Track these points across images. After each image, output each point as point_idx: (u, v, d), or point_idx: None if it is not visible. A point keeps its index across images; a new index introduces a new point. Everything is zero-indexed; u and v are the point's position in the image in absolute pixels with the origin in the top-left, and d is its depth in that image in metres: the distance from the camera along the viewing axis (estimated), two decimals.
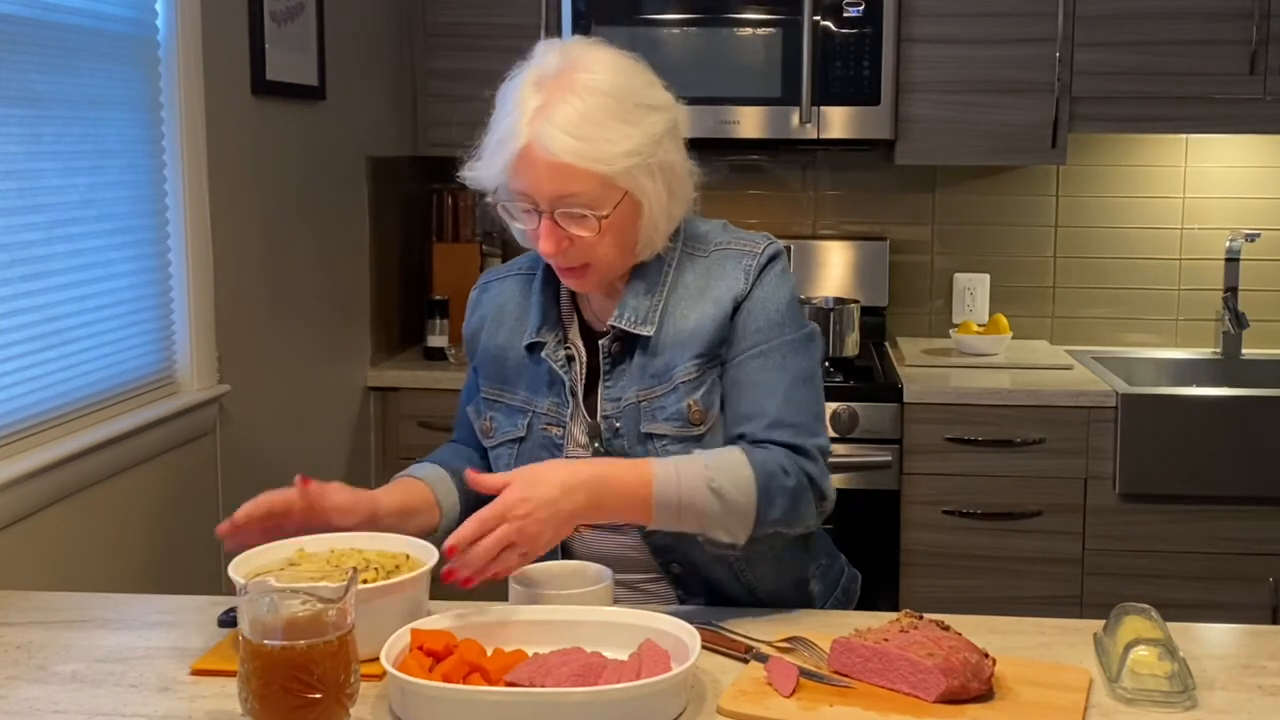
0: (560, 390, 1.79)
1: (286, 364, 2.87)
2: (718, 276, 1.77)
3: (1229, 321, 3.56)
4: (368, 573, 1.52)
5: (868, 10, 3.26)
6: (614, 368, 1.78)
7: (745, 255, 1.77)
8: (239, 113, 2.61)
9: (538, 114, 1.63)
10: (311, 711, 1.28)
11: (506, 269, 1.93)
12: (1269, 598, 3.12)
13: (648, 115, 1.67)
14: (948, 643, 1.43)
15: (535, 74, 1.67)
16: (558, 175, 1.63)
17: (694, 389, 1.74)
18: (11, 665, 1.51)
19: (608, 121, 1.63)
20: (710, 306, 1.75)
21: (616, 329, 1.76)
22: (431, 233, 3.66)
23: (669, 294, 1.77)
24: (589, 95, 1.63)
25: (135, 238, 2.33)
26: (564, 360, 1.80)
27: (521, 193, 1.67)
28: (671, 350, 1.75)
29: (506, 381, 1.85)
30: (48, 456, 2.02)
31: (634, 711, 1.33)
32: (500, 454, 1.84)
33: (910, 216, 3.76)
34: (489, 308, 1.90)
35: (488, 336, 1.88)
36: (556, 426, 1.79)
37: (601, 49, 1.70)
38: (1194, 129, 3.43)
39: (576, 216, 1.66)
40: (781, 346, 1.74)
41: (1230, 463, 3.08)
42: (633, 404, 1.76)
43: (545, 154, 1.63)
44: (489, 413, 1.86)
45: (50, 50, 2.08)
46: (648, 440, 1.75)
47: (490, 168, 1.70)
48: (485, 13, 3.42)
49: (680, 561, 1.77)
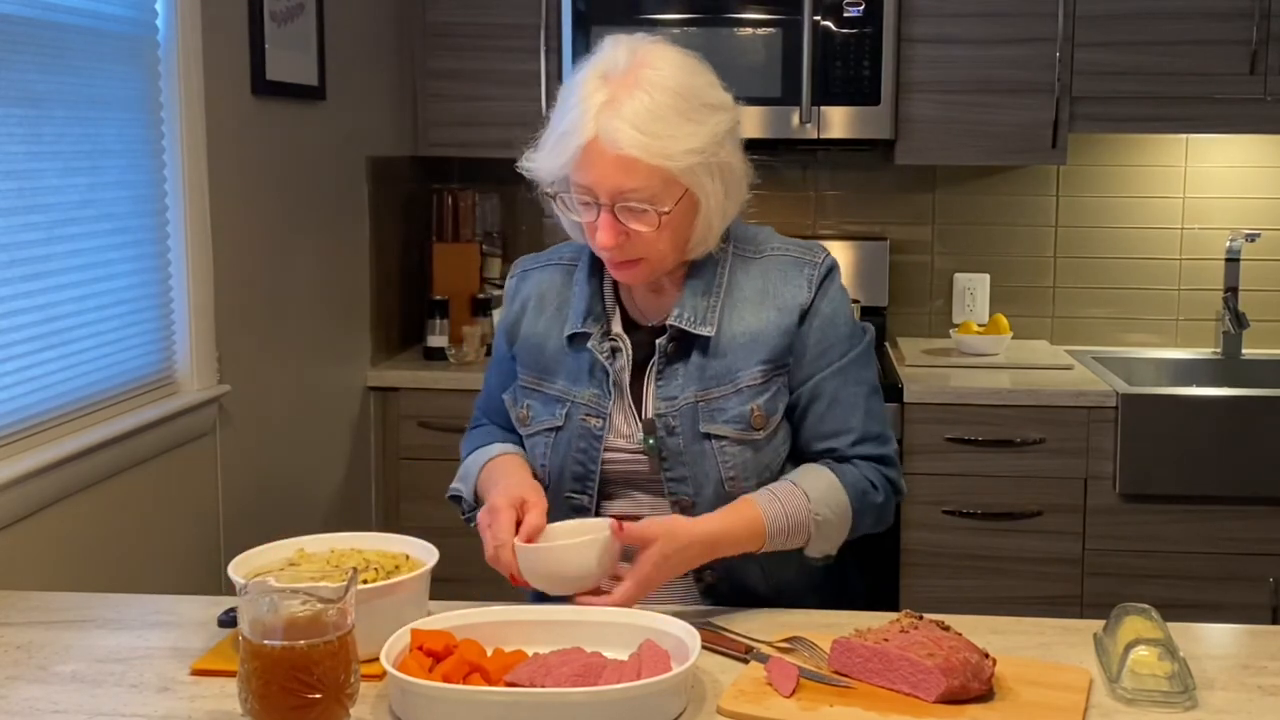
0: (602, 382, 1.80)
1: (286, 364, 2.87)
2: (778, 281, 1.79)
3: (1229, 321, 3.56)
4: (368, 573, 1.52)
5: (868, 10, 3.26)
6: (667, 366, 1.78)
7: (806, 264, 1.80)
8: (239, 113, 2.61)
9: (605, 108, 1.64)
10: (311, 711, 1.28)
11: (545, 257, 1.93)
12: (1269, 598, 3.12)
13: (711, 114, 1.69)
14: (948, 643, 1.43)
15: (602, 69, 1.68)
16: (622, 170, 1.64)
17: (758, 394, 1.77)
18: (11, 665, 1.51)
19: (674, 118, 1.65)
20: (773, 313, 1.78)
21: (675, 328, 1.76)
22: (431, 233, 3.66)
23: (725, 295, 1.78)
24: (656, 92, 1.64)
25: (135, 238, 2.33)
26: (609, 352, 1.80)
27: (583, 186, 1.68)
28: (733, 353, 1.77)
29: (545, 370, 1.84)
30: (48, 456, 2.02)
31: (634, 711, 1.33)
32: (537, 442, 1.84)
33: (910, 216, 3.76)
34: (529, 295, 1.89)
35: (528, 325, 1.87)
36: (596, 418, 1.79)
37: (667, 47, 1.72)
38: (1194, 129, 3.43)
39: (637, 211, 1.66)
40: (855, 360, 1.80)
41: (1230, 463, 3.08)
42: (690, 404, 1.76)
43: (612, 148, 1.63)
44: (526, 401, 1.86)
45: (50, 50, 2.08)
46: (705, 440, 1.76)
47: (552, 160, 1.70)
48: (485, 13, 3.42)
49: (713, 567, 1.77)
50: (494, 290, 3.70)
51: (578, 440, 1.80)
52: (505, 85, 3.43)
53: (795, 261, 1.81)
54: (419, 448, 3.32)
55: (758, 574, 1.80)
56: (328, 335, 3.10)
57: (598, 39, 3.30)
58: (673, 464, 1.77)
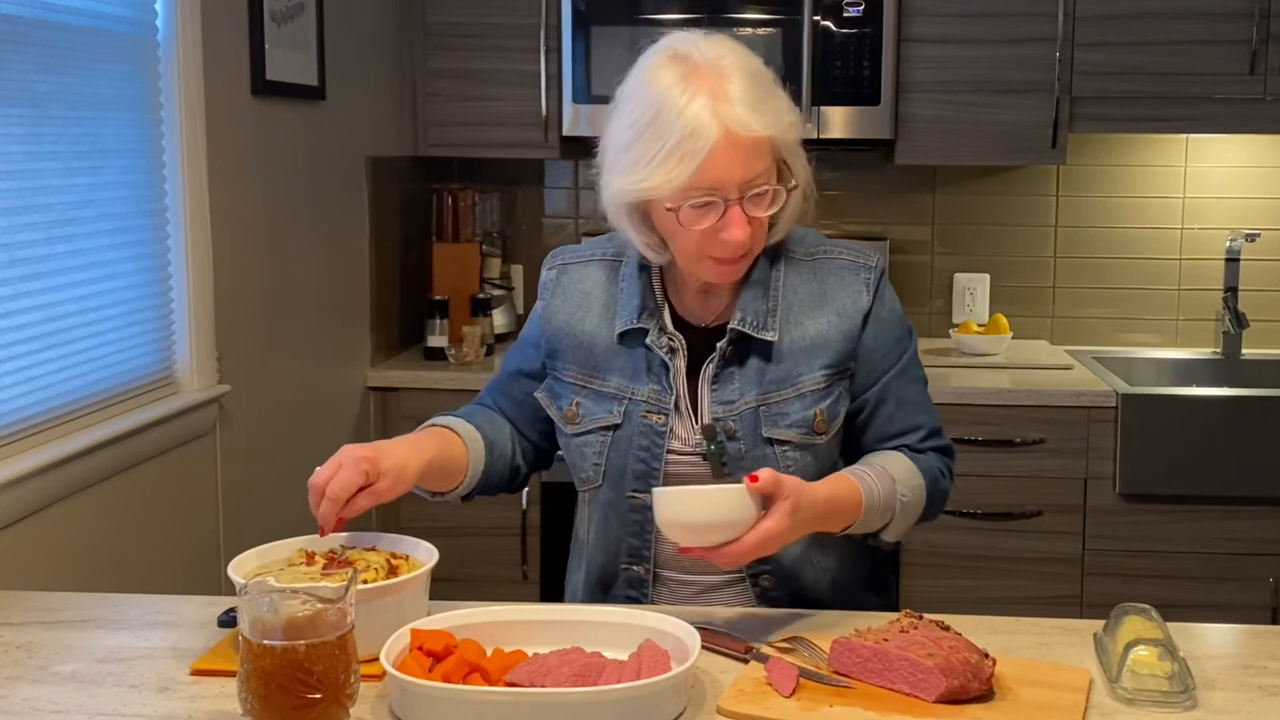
0: (661, 378, 1.78)
1: (286, 364, 2.87)
2: (834, 286, 1.79)
3: (1229, 321, 3.56)
4: (368, 573, 1.52)
5: (868, 10, 3.26)
6: (724, 369, 1.77)
7: (861, 268, 1.81)
8: (239, 113, 2.61)
9: (717, 102, 1.62)
10: (311, 711, 1.28)
11: (586, 253, 1.89)
12: (1269, 598, 3.12)
13: (781, 90, 1.70)
14: (948, 643, 1.43)
15: (679, 71, 1.64)
16: (752, 155, 1.63)
17: (821, 399, 1.77)
18: (12, 665, 1.51)
19: (767, 94, 1.67)
20: (834, 317, 1.78)
21: (736, 331, 1.75)
22: (431, 233, 3.66)
23: (782, 298, 1.78)
24: (743, 75, 1.65)
25: (135, 238, 2.33)
26: (667, 349, 1.78)
27: (708, 187, 1.63)
28: (794, 357, 1.76)
29: (596, 368, 1.82)
30: (48, 456, 2.02)
31: (634, 711, 1.33)
32: (589, 440, 1.81)
33: (910, 216, 3.76)
34: (572, 292, 1.86)
35: (570, 321, 1.84)
36: (658, 414, 1.78)
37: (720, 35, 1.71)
38: (1194, 129, 3.43)
39: (760, 197, 1.66)
40: (910, 359, 1.83)
41: (1230, 463, 3.08)
42: (751, 408, 1.76)
43: (745, 133, 1.62)
44: (575, 398, 1.82)
45: (50, 50, 2.08)
46: (768, 445, 1.75)
47: (678, 172, 1.62)
48: (485, 13, 3.42)
49: (772, 572, 1.78)
50: (494, 290, 3.70)
51: (639, 438, 1.78)
52: (505, 85, 3.43)
53: (850, 265, 1.81)
54: None
55: (812, 575, 1.80)
56: (328, 335, 3.10)
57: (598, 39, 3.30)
58: (733, 469, 1.75)
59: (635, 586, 1.81)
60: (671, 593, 1.82)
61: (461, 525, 3.25)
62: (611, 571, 1.83)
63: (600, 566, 1.84)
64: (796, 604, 1.78)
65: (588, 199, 3.86)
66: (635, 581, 1.81)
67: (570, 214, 3.86)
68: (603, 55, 3.34)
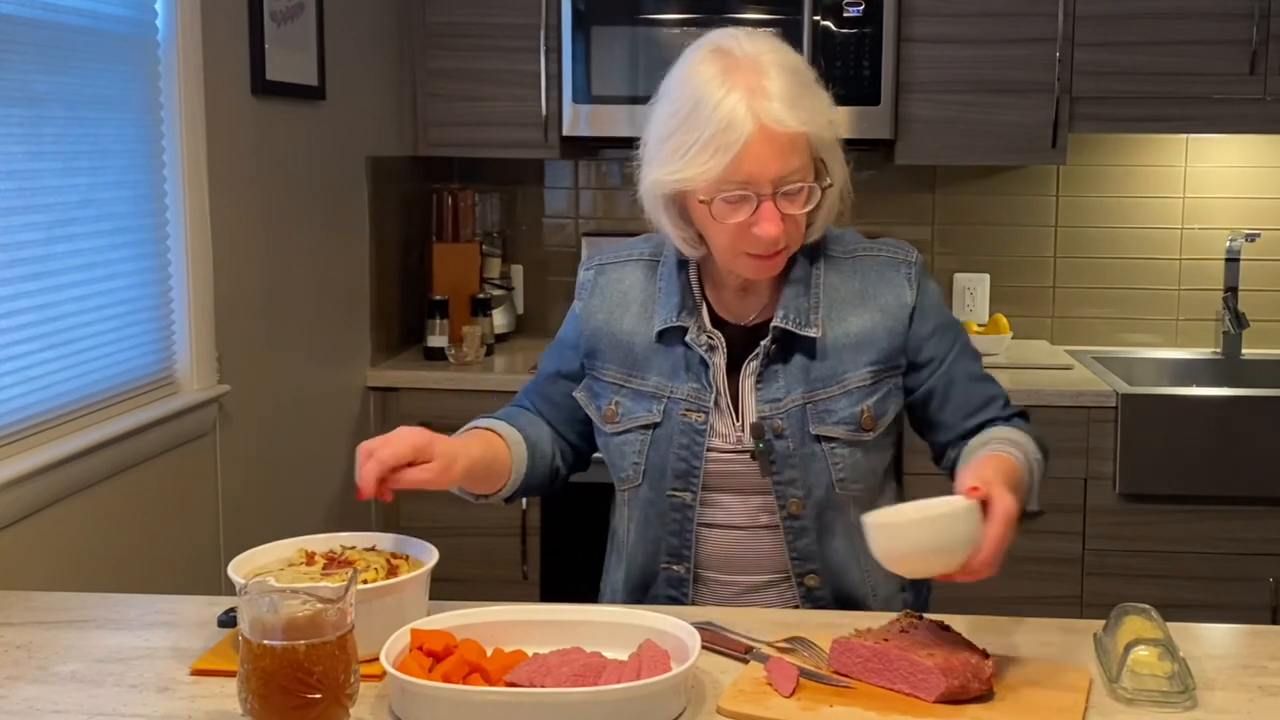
0: (700, 376, 1.78)
1: (286, 364, 2.87)
2: (875, 282, 1.80)
3: (1229, 321, 3.56)
4: (368, 573, 1.52)
5: (868, 10, 3.26)
6: (768, 367, 1.77)
7: (901, 264, 1.81)
8: (239, 113, 2.61)
9: (753, 97, 1.62)
10: (311, 711, 1.28)
11: (624, 253, 1.89)
12: (1269, 598, 3.12)
13: (822, 89, 1.71)
14: (948, 643, 1.43)
15: (718, 68, 1.66)
16: (787, 150, 1.63)
17: (868, 395, 1.77)
18: (12, 665, 1.51)
19: (806, 92, 1.67)
20: (878, 314, 1.78)
21: (779, 329, 1.75)
22: (431, 233, 3.66)
23: (823, 295, 1.78)
24: (783, 71, 1.66)
25: (135, 238, 2.33)
26: (707, 346, 1.78)
27: (742, 181, 1.64)
28: (838, 353, 1.77)
29: (635, 367, 1.82)
30: (48, 456, 2.02)
31: (634, 711, 1.33)
32: (629, 439, 1.81)
33: (910, 216, 3.76)
34: (611, 292, 1.86)
35: (609, 321, 1.84)
36: (698, 412, 1.77)
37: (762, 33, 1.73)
38: (1194, 129, 3.44)
39: (793, 194, 1.65)
40: (964, 339, 1.85)
41: (1230, 463, 3.08)
42: (798, 406, 1.76)
43: (780, 129, 1.62)
44: (614, 397, 1.83)
45: (50, 50, 2.08)
46: (816, 442, 1.76)
47: (713, 164, 1.63)
48: (485, 13, 3.42)
49: (817, 571, 1.78)
50: (494, 290, 3.70)
51: (679, 436, 1.78)
52: (505, 85, 3.43)
53: (890, 261, 1.82)
54: None
55: (858, 575, 1.80)
56: (328, 335, 3.10)
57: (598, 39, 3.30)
58: (782, 467, 1.76)
59: (675, 586, 1.81)
60: (712, 593, 1.82)
61: (461, 525, 3.25)
62: (651, 571, 1.83)
63: (640, 566, 1.84)
64: (840, 603, 1.79)
65: (587, 199, 3.86)
66: (675, 581, 1.81)
67: (570, 214, 3.86)
68: (603, 55, 3.34)
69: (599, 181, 3.84)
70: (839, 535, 1.79)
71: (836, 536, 1.79)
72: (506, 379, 3.30)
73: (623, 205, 3.81)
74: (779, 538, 1.78)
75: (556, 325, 4.16)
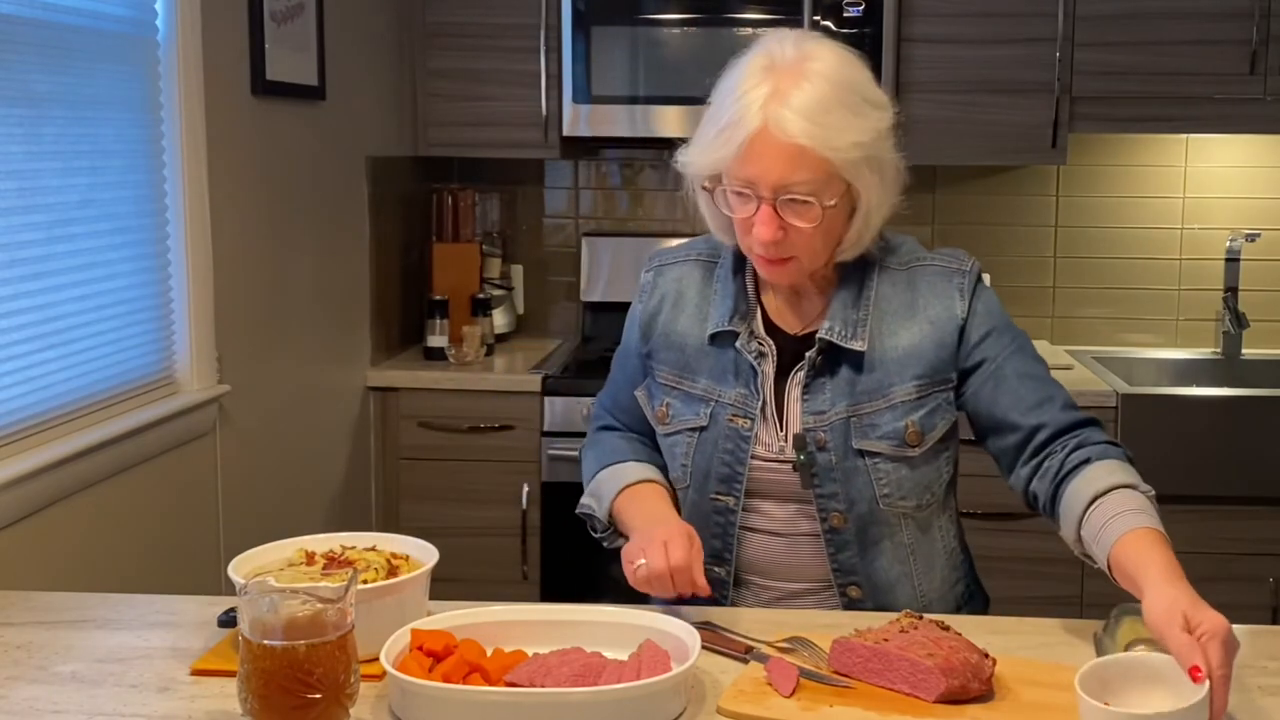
0: (749, 382, 1.76)
1: (286, 364, 2.87)
2: (927, 294, 1.76)
3: (1229, 321, 3.56)
4: (368, 573, 1.52)
5: (868, 10, 3.26)
6: (814, 379, 1.75)
7: (954, 274, 1.78)
8: (239, 113, 2.61)
9: (772, 98, 1.61)
10: (311, 711, 1.28)
11: (683, 253, 1.88)
12: (1269, 598, 3.12)
13: (872, 110, 1.68)
14: (948, 643, 1.43)
15: (764, 61, 1.65)
16: (790, 161, 1.61)
17: (914, 410, 1.74)
18: (11, 665, 1.51)
19: (839, 110, 1.63)
20: (927, 326, 1.75)
21: (824, 340, 1.73)
22: (431, 233, 3.66)
23: (874, 308, 1.75)
24: (822, 83, 1.62)
25: (135, 238, 2.33)
26: (756, 353, 1.76)
27: (745, 179, 1.64)
28: (885, 367, 1.74)
29: (686, 369, 1.80)
30: (48, 456, 2.02)
31: (634, 711, 1.33)
32: (678, 441, 1.80)
33: (910, 217, 3.73)
34: (668, 291, 1.85)
35: (667, 321, 1.83)
36: (744, 418, 1.76)
37: (827, 41, 1.70)
38: (1194, 129, 3.44)
39: (798, 205, 1.63)
40: (1027, 343, 1.78)
41: (1230, 463, 3.08)
42: (842, 419, 1.73)
43: (782, 136, 1.60)
44: (665, 399, 1.82)
45: (50, 50, 2.08)
46: (859, 457, 1.73)
47: (715, 153, 1.66)
48: (485, 13, 3.42)
49: (859, 583, 1.76)
50: (494, 290, 3.70)
51: (724, 441, 1.76)
52: (505, 85, 3.43)
53: (943, 271, 1.78)
54: (419, 448, 3.32)
55: (909, 593, 1.78)
56: (328, 335, 3.10)
57: (598, 39, 3.30)
58: (824, 480, 1.74)
59: (716, 588, 1.80)
60: (754, 596, 1.81)
61: (461, 525, 3.26)
62: None
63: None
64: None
65: (587, 199, 3.86)
66: (717, 583, 1.80)
67: (570, 214, 3.86)
68: (603, 55, 3.34)
69: (599, 181, 3.84)
70: (886, 551, 1.76)
71: (884, 552, 1.76)
72: (506, 379, 3.29)
73: (623, 205, 3.81)
74: (820, 547, 1.76)
75: (557, 325, 4.17)
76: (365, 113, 3.27)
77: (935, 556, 1.81)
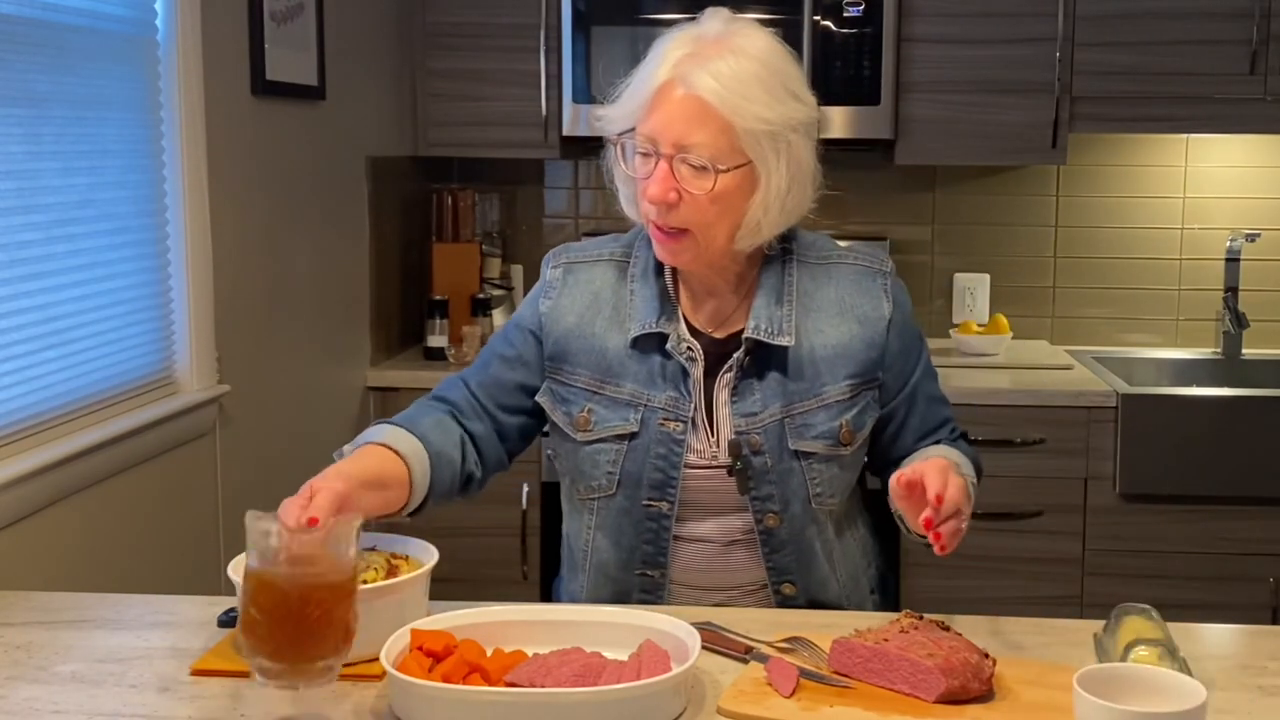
0: (679, 385, 1.74)
1: (286, 364, 2.87)
2: (852, 292, 1.77)
3: (1229, 321, 3.56)
4: (368, 573, 1.52)
5: (868, 10, 3.26)
6: (743, 380, 1.74)
7: (876, 274, 1.80)
8: (239, 113, 2.61)
9: (687, 59, 1.63)
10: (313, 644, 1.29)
11: (593, 252, 1.84)
12: (1269, 598, 3.12)
13: (791, 99, 1.67)
14: (948, 643, 1.43)
15: (695, 31, 1.67)
16: (691, 118, 1.61)
17: (846, 409, 1.75)
18: (11, 665, 1.51)
19: (753, 84, 1.63)
20: (855, 325, 1.75)
21: (751, 340, 1.72)
22: (431, 233, 3.66)
23: (797, 303, 1.75)
24: (743, 58, 1.63)
25: (135, 238, 2.33)
26: (687, 355, 1.74)
27: (647, 135, 1.65)
28: (815, 366, 1.74)
29: (609, 373, 1.76)
30: (48, 456, 2.02)
31: (634, 711, 1.33)
32: (602, 449, 1.75)
33: (910, 216, 3.76)
34: (580, 293, 1.80)
35: (580, 324, 1.78)
36: (676, 422, 1.73)
37: (763, 30, 1.71)
38: (1194, 129, 3.44)
39: (695, 167, 1.63)
40: (926, 355, 1.84)
41: (1230, 463, 3.08)
42: (776, 420, 1.73)
43: (685, 89, 1.61)
44: (586, 404, 1.77)
45: (50, 50, 2.08)
46: (795, 459, 1.73)
47: (625, 107, 1.68)
48: (485, 13, 3.42)
49: (793, 581, 1.76)
50: (494, 290, 3.70)
51: (656, 446, 1.74)
52: (505, 85, 3.43)
53: (867, 271, 1.80)
54: None
55: (835, 589, 1.80)
56: (327, 335, 3.10)
57: (598, 39, 3.29)
58: (758, 483, 1.73)
59: (650, 592, 1.80)
60: (693, 601, 1.80)
61: (461, 525, 3.25)
62: (625, 579, 1.80)
63: (612, 576, 1.80)
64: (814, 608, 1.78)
65: (587, 199, 3.86)
66: (650, 587, 1.79)
67: (570, 214, 3.86)
68: (603, 55, 3.34)
69: (599, 181, 3.84)
70: (817, 548, 1.77)
71: (815, 549, 1.77)
72: None
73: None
74: (754, 551, 1.76)
75: None
76: (365, 113, 3.27)
77: (853, 546, 1.84)
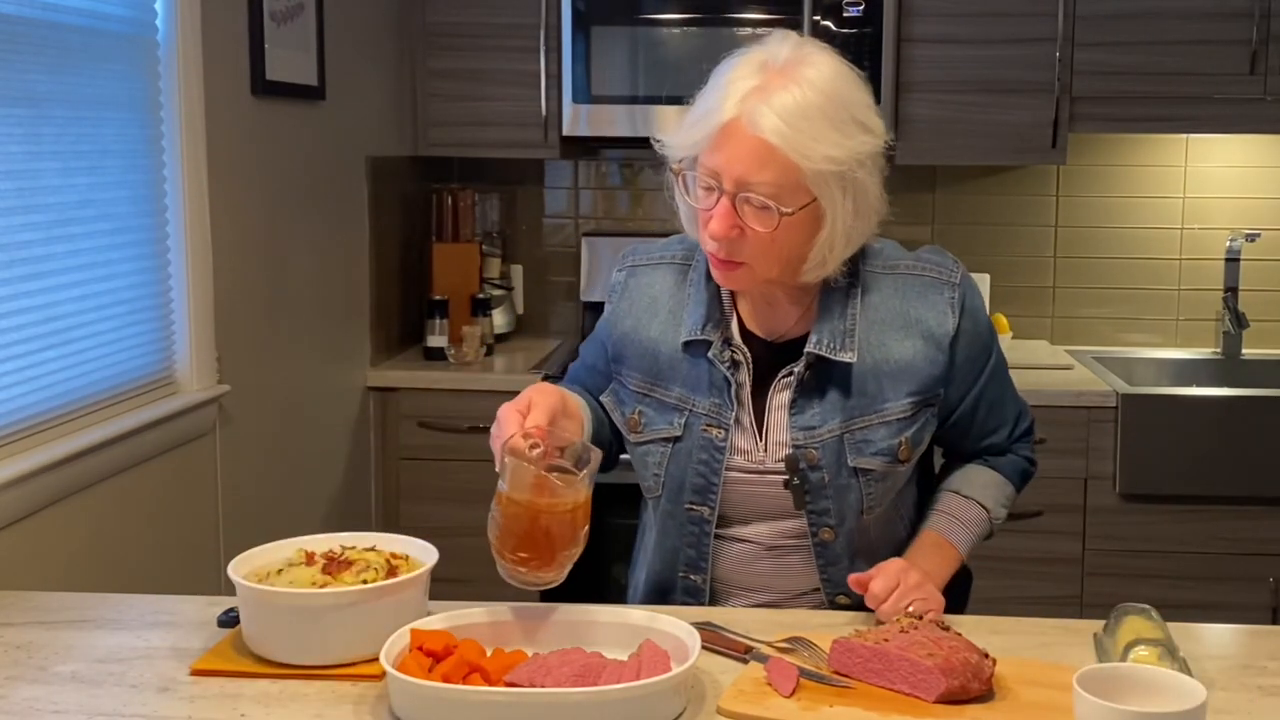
0: (723, 391, 1.73)
1: (286, 364, 2.87)
2: (918, 305, 1.73)
3: (1229, 321, 3.56)
4: (368, 573, 1.52)
5: (868, 10, 3.26)
6: (802, 394, 1.72)
7: (945, 285, 1.74)
8: (239, 113, 2.61)
9: (754, 93, 1.58)
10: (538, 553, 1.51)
11: (656, 255, 1.84)
12: (1269, 598, 3.12)
13: (860, 131, 1.62)
14: (948, 643, 1.43)
15: (761, 57, 1.62)
16: (755, 157, 1.57)
17: (907, 426, 1.73)
18: (11, 665, 1.51)
19: (820, 121, 1.58)
20: (920, 341, 1.72)
21: (812, 354, 1.70)
22: (431, 233, 3.66)
23: (861, 316, 1.72)
24: (810, 90, 1.58)
25: (135, 238, 2.33)
26: (730, 363, 1.73)
27: (711, 169, 1.61)
28: (878, 381, 1.71)
29: (659, 377, 1.77)
30: (48, 456, 2.02)
31: (634, 711, 1.33)
32: (650, 450, 1.78)
33: (910, 216, 3.76)
34: (640, 295, 1.81)
35: (637, 326, 1.80)
36: (718, 428, 1.73)
37: (831, 53, 1.65)
38: (1194, 129, 3.44)
39: (756, 206, 1.59)
40: (998, 357, 1.82)
41: (1230, 463, 3.08)
42: (835, 436, 1.71)
43: (751, 130, 1.57)
44: (638, 406, 1.79)
45: (50, 50, 2.08)
46: (852, 475, 1.72)
47: (687, 136, 1.63)
48: (485, 13, 3.42)
49: (847, 592, 1.74)
50: (494, 290, 3.70)
51: (699, 451, 1.74)
52: (505, 85, 3.43)
53: (933, 283, 1.74)
54: (419, 448, 3.32)
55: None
56: (327, 335, 3.10)
57: (598, 39, 3.28)
58: (815, 498, 1.72)
59: (693, 595, 1.80)
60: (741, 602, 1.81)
61: (461, 525, 3.24)
62: (669, 579, 1.81)
63: (658, 573, 1.82)
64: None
65: (587, 199, 3.86)
66: (693, 590, 1.80)
67: (570, 214, 3.86)
68: (603, 55, 3.34)
69: (599, 181, 3.84)
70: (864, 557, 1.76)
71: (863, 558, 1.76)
72: (506, 379, 3.30)
73: (622, 205, 3.81)
74: (807, 558, 1.76)
75: (557, 325, 4.18)
76: (365, 113, 3.27)
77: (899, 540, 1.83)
